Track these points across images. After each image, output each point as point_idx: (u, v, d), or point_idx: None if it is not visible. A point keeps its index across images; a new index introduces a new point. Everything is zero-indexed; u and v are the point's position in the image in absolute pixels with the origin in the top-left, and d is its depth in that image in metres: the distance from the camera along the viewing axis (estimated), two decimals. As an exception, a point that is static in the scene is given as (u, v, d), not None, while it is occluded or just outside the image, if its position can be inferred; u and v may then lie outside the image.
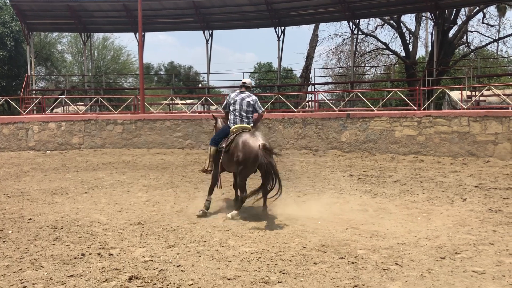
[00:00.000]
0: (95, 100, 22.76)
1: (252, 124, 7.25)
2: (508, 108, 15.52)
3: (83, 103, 24.54)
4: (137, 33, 21.97)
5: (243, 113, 7.17)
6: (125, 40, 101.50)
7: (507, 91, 19.43)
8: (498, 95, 17.75)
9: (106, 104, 22.76)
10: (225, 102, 7.46)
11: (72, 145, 17.71)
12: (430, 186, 9.47)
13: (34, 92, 25.97)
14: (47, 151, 17.34)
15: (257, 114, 7.39)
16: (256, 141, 6.57)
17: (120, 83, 37.76)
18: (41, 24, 26.38)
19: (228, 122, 7.30)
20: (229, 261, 4.91)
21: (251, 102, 7.26)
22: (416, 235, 5.86)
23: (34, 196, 8.84)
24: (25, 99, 23.04)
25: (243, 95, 7.31)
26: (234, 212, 6.84)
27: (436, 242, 5.53)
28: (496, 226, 6.29)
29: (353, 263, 4.82)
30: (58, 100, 23.58)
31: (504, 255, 5.06)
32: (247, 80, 7.68)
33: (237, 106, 7.20)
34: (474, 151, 13.89)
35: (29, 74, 24.55)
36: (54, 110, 24.26)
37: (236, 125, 7.13)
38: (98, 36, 38.28)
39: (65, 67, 39.34)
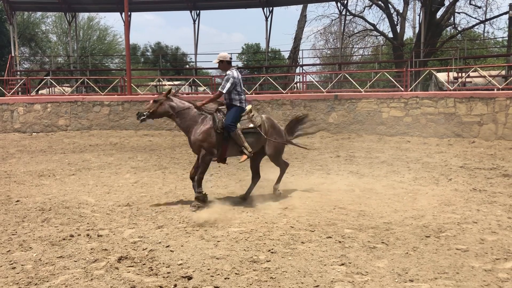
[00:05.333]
0: (81, 81, 22.45)
1: None
2: (493, 90, 15.66)
3: (69, 85, 24.20)
4: (123, 13, 21.59)
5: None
6: (111, 20, 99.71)
7: (493, 72, 19.58)
8: (484, 77, 17.89)
9: (92, 85, 22.46)
10: (229, 83, 6.55)
11: (59, 126, 17.53)
12: (416, 167, 9.59)
13: (18, 73, 25.53)
14: (33, 133, 17.15)
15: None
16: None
17: (106, 64, 37.22)
18: (24, 3, 25.75)
19: (238, 103, 6.63)
20: (218, 241, 4.96)
21: None
22: (402, 215, 5.96)
23: (20, 178, 8.78)
24: (9, 80, 22.63)
25: (238, 72, 6.79)
26: (277, 185, 7.02)
27: (422, 221, 5.64)
28: (480, 205, 6.42)
29: (340, 242, 4.90)
30: (44, 81, 23.17)
31: (487, 233, 5.18)
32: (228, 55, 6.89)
33: (242, 87, 6.77)
34: (460, 132, 14.05)
35: (12, 54, 24.05)
36: (40, 92, 23.87)
37: (248, 106, 6.80)
38: (83, 16, 37.57)
39: (50, 48, 38.61)
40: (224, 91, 6.56)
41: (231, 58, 6.93)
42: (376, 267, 4.24)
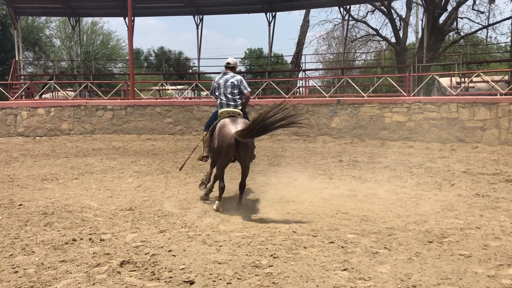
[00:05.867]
0: (84, 85, 22.54)
1: (240, 107, 6.84)
2: (496, 95, 15.64)
3: (72, 89, 24.29)
4: (127, 18, 21.67)
5: (228, 96, 6.76)
6: (115, 25, 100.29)
7: (496, 77, 19.58)
8: (487, 82, 17.88)
9: (95, 89, 22.56)
10: (211, 87, 7.05)
11: (62, 131, 17.57)
12: (419, 172, 9.57)
13: (22, 77, 25.63)
14: (36, 137, 17.20)
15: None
16: (232, 127, 6.24)
17: (110, 68, 37.38)
18: (29, 7, 25.88)
19: (217, 107, 6.94)
20: (220, 246, 4.95)
21: (236, 83, 6.79)
22: (404, 220, 5.95)
23: (24, 182, 8.79)
24: (13, 84, 22.72)
25: (226, 76, 6.86)
26: (217, 203, 6.48)
27: (424, 227, 5.62)
28: (483, 210, 6.40)
29: (342, 247, 4.88)
30: (47, 86, 23.29)
31: (490, 238, 5.16)
32: (232, 60, 7.08)
33: (222, 90, 6.79)
34: (463, 137, 14.02)
35: (17, 59, 24.17)
36: (43, 96, 23.99)
37: (222, 109, 6.74)
38: (87, 20, 37.75)
39: (54, 52, 38.80)
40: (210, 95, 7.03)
41: (228, 63, 7.04)
42: (378, 272, 4.22)
